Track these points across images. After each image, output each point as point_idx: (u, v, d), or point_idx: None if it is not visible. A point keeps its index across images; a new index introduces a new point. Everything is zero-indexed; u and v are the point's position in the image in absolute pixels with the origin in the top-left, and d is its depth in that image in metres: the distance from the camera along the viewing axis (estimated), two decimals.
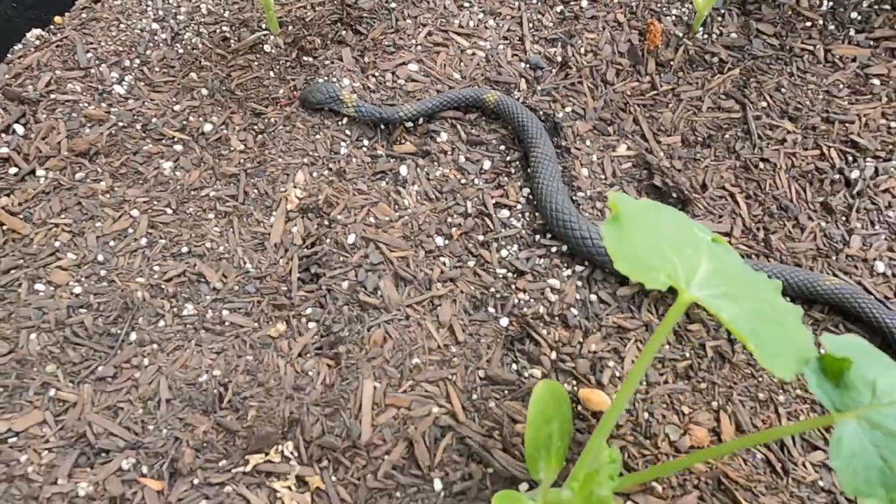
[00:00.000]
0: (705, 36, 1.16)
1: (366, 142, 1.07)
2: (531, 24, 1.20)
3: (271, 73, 1.17)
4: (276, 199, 1.00)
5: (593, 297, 0.88)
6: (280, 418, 0.79)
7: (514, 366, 0.82)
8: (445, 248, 0.94)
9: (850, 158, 1.02)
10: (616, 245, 0.52)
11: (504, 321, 0.87)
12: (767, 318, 0.52)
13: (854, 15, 1.18)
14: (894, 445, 0.45)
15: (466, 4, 1.25)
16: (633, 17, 1.18)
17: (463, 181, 1.01)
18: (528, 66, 1.13)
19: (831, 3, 1.20)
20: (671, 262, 0.54)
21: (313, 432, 0.78)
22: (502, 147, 1.05)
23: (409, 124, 1.07)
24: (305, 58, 1.19)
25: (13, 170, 1.02)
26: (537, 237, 0.94)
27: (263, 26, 1.23)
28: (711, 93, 1.10)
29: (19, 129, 1.07)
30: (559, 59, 1.13)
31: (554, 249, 0.92)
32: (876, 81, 1.11)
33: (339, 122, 1.09)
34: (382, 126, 1.07)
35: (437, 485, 0.74)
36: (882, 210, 0.96)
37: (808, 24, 1.18)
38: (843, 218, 0.96)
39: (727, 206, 0.97)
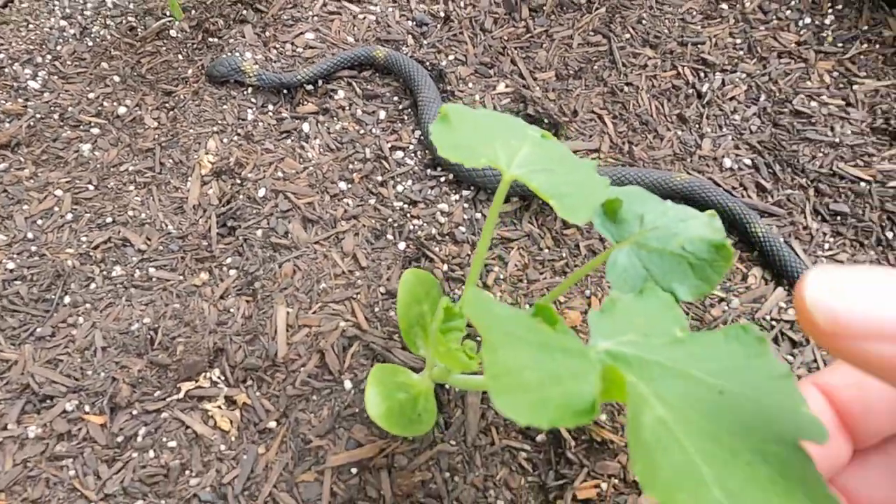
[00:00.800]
0: None
1: (270, 107, 1.16)
2: None
3: (179, 56, 1.25)
4: (190, 166, 1.09)
5: (478, 216, 0.99)
6: (206, 349, 0.88)
7: None
8: (348, 191, 1.04)
9: (702, 74, 1.14)
10: (441, 137, 0.62)
11: (402, 245, 0.97)
12: (573, 183, 0.63)
13: None
14: (654, 257, 0.56)
15: None
16: None
17: (361, 131, 1.11)
18: (414, 23, 1.23)
19: None
20: (494, 149, 0.65)
21: (237, 358, 0.88)
22: (395, 98, 1.15)
23: (310, 87, 1.17)
24: (210, 39, 1.27)
25: None
26: (428, 171, 1.04)
27: (167, 13, 1.30)
28: (581, 31, 1.22)
29: None
30: (442, 14, 1.23)
31: (443, 179, 1.03)
32: (724, 6, 1.24)
33: (245, 92, 1.17)
34: (285, 91, 1.16)
35: (347, 384, 0.84)
36: (728, 115, 1.09)
37: None
38: (696, 125, 1.09)
39: (596, 126, 1.09)
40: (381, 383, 0.65)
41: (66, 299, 0.95)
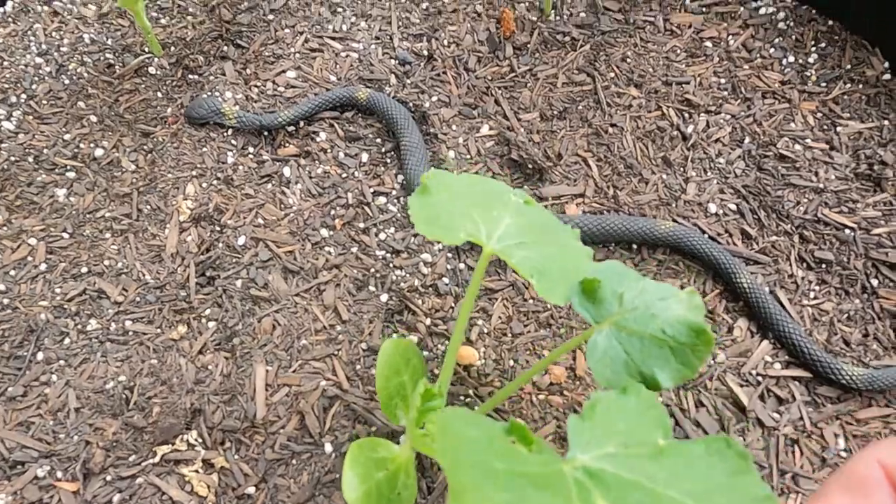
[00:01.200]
0: (557, 18, 1.27)
1: (251, 149, 1.14)
2: (400, 23, 1.29)
3: (158, 94, 1.23)
4: (168, 212, 1.06)
5: (462, 266, 0.98)
6: (183, 410, 0.86)
7: (395, 335, 0.92)
8: (330, 239, 1.03)
9: (687, 115, 1.14)
10: (419, 211, 0.61)
11: (384, 297, 0.96)
12: (553, 258, 0.62)
13: None
14: (634, 341, 0.55)
15: (340, 10, 1.32)
16: (490, 7, 1.28)
17: (343, 175, 1.10)
18: (397, 62, 1.22)
19: None
20: (474, 222, 0.63)
21: (214, 419, 0.86)
22: (378, 140, 1.14)
23: (291, 128, 1.15)
24: (191, 76, 1.25)
25: None
26: (410, 218, 1.03)
27: (146, 50, 1.28)
28: (565, 69, 1.21)
29: None
30: (425, 53, 1.22)
31: None
32: (709, 44, 1.23)
33: (225, 134, 1.15)
34: (266, 132, 1.15)
35: (328, 448, 0.83)
36: (713, 158, 1.08)
37: None
38: (681, 169, 1.08)
39: (581, 170, 1.08)
40: (359, 463, 0.63)
41: (39, 356, 0.93)
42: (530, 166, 1.05)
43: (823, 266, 0.98)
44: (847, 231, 0.99)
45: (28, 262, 1.02)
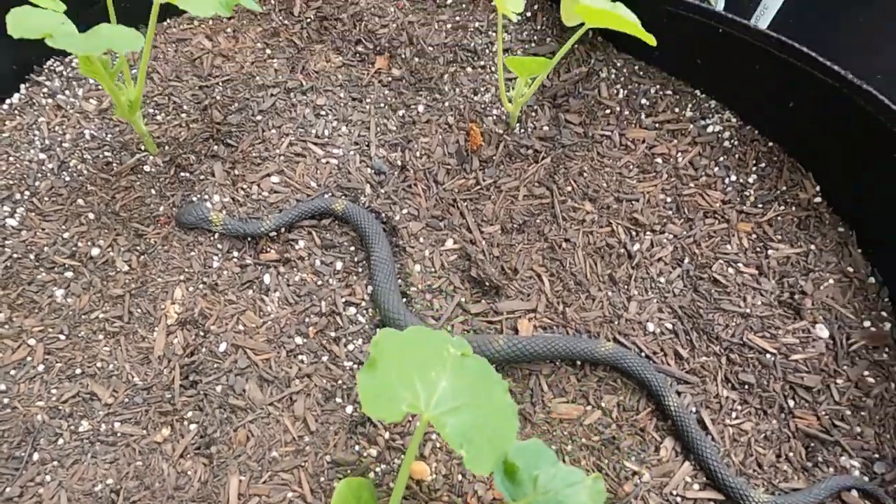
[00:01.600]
0: (522, 131, 1.38)
1: (235, 253, 1.24)
2: (378, 128, 1.40)
3: (152, 191, 1.33)
4: (157, 316, 1.16)
5: None
6: None
7: (357, 447, 1.02)
8: (304, 346, 1.13)
9: (634, 233, 1.25)
10: (365, 389, 0.71)
11: (349, 409, 1.06)
12: (483, 427, 0.73)
13: (643, 101, 1.42)
14: None
15: (323, 113, 1.43)
16: (461, 119, 1.39)
17: (319, 283, 1.20)
18: (372, 171, 1.33)
19: (626, 91, 1.44)
20: (414, 391, 0.74)
21: None
22: (352, 248, 1.24)
23: (273, 233, 1.25)
24: (183, 173, 1.35)
25: None
26: (377, 331, 1.13)
27: (143, 148, 1.39)
28: (527, 182, 1.32)
29: None
30: (399, 163, 1.33)
31: None
32: (659, 160, 1.35)
33: (212, 238, 1.25)
34: (249, 238, 1.25)
35: None
36: (654, 277, 1.19)
37: (608, 111, 1.41)
38: (625, 287, 1.19)
39: (535, 285, 1.19)
40: None
41: (35, 456, 1.03)
42: (487, 284, 1.15)
43: (746, 387, 1.08)
44: (769, 355, 1.10)
45: (27, 362, 1.12)
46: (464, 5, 1.63)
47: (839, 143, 1.21)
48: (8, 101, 1.47)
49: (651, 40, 1.06)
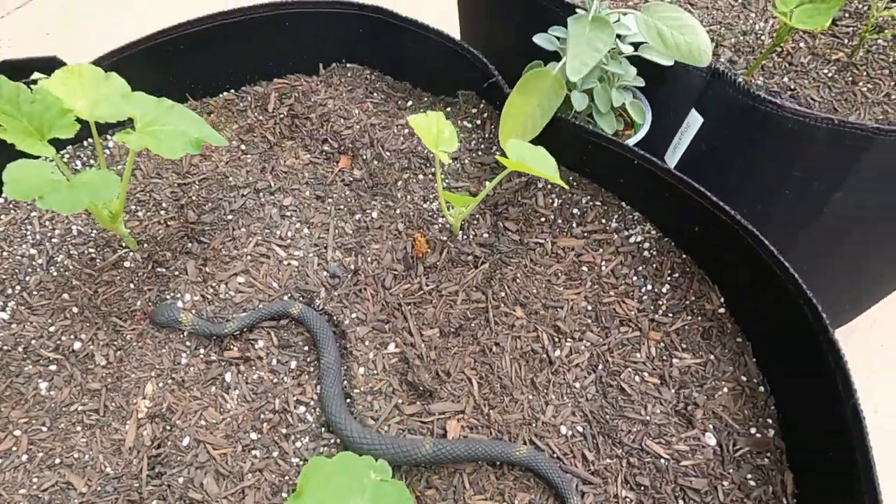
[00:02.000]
0: (464, 237, 1.54)
1: (202, 350, 1.40)
2: (336, 232, 1.56)
3: (131, 286, 1.49)
4: (129, 410, 1.32)
5: None
6: None
7: None
8: (258, 441, 1.28)
9: (556, 340, 1.41)
10: None
11: None
12: None
13: (575, 210, 1.58)
14: None
15: (288, 214, 1.59)
16: (410, 226, 1.55)
17: (274, 380, 1.36)
18: (328, 274, 1.48)
19: (560, 201, 1.60)
20: None
21: None
22: (306, 348, 1.40)
23: (237, 333, 1.41)
24: (159, 269, 1.51)
25: None
26: (322, 430, 1.29)
27: (124, 245, 1.54)
28: (465, 287, 1.48)
29: None
30: (353, 267, 1.49)
31: (333, 441, 1.27)
32: (585, 269, 1.51)
33: (182, 335, 1.41)
34: (215, 337, 1.41)
35: None
36: (570, 383, 1.35)
37: (543, 220, 1.58)
38: (545, 391, 1.35)
39: (465, 388, 1.35)
40: None
41: None
42: (420, 388, 1.31)
43: (642, 489, 1.24)
44: (662, 460, 1.26)
45: (13, 452, 1.27)
46: (420, 110, 1.79)
47: (735, 269, 1.38)
48: (3, 195, 1.62)
49: (565, 186, 1.23)
